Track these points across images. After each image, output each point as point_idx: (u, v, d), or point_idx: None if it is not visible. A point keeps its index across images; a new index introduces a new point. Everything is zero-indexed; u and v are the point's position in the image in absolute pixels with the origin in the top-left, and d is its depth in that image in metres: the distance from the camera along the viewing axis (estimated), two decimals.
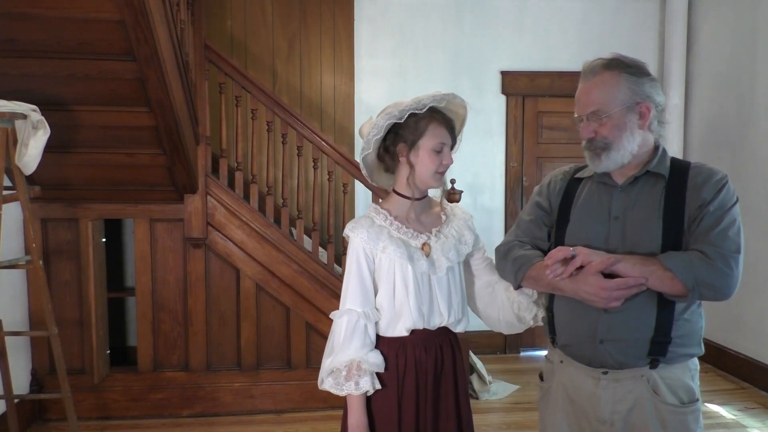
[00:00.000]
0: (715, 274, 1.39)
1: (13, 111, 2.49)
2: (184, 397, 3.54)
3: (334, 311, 1.64)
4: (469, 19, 4.61)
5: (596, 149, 1.51)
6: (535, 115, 4.72)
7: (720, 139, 4.32)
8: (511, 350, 4.73)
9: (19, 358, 3.30)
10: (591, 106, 1.50)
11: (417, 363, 1.62)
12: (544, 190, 1.72)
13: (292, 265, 3.53)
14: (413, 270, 1.60)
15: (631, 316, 1.47)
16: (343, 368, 1.57)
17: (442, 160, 1.62)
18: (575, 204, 1.62)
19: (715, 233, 1.41)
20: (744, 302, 4.03)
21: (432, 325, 1.64)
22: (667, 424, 1.48)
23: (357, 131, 4.52)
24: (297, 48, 4.46)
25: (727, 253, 1.40)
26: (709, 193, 1.47)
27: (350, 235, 1.63)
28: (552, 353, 1.69)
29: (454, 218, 1.75)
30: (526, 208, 1.75)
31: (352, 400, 1.58)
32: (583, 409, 1.57)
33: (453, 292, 1.67)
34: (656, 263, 1.41)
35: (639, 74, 1.51)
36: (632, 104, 1.49)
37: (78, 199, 3.38)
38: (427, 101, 1.59)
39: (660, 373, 1.49)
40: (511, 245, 1.67)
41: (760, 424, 3.38)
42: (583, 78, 1.56)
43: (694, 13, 4.58)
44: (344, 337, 1.57)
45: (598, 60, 1.55)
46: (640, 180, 1.54)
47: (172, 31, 2.72)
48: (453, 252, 1.67)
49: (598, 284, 1.42)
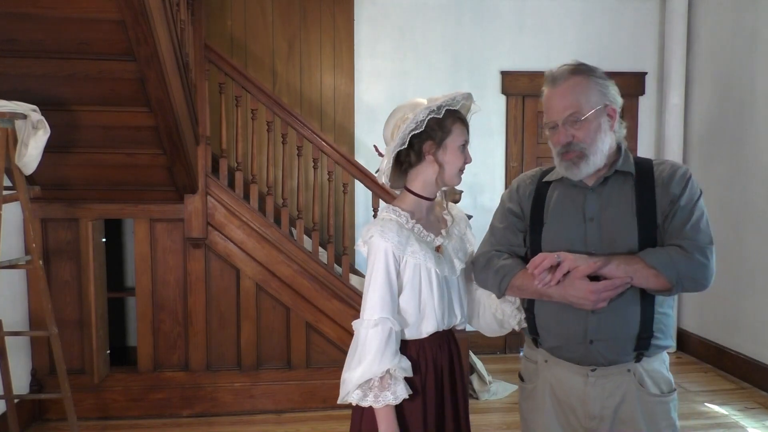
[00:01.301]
0: (695, 267, 1.44)
1: (13, 111, 2.50)
2: (184, 397, 3.54)
3: (357, 320, 1.58)
4: (469, 19, 4.61)
5: (573, 158, 1.53)
6: (535, 115, 4.72)
7: (720, 139, 4.32)
8: (511, 350, 4.73)
9: (19, 358, 3.30)
10: (568, 110, 1.52)
11: (435, 362, 1.62)
12: (514, 195, 1.72)
13: (292, 265, 3.53)
14: (437, 272, 1.59)
15: (618, 315, 1.50)
16: (377, 379, 1.52)
17: (465, 159, 1.65)
18: (547, 207, 1.64)
19: (689, 227, 1.47)
20: (744, 302, 4.03)
21: (447, 325, 1.65)
22: (652, 414, 1.54)
23: (357, 131, 4.53)
24: (297, 48, 4.46)
25: (703, 245, 1.46)
26: (677, 187, 1.51)
27: (378, 240, 1.56)
28: (533, 353, 1.69)
29: (457, 219, 1.77)
30: (497, 216, 1.74)
31: (385, 411, 1.53)
32: (571, 407, 1.59)
33: (462, 292, 1.68)
34: (639, 261, 1.45)
35: (603, 78, 1.55)
36: (602, 107, 1.53)
37: (78, 199, 3.39)
38: (460, 98, 1.62)
39: (643, 366, 1.55)
40: (489, 256, 1.66)
41: (760, 424, 3.38)
42: (550, 84, 1.57)
43: (694, 13, 4.58)
44: (379, 347, 1.51)
45: (563, 66, 1.56)
46: (609, 180, 1.58)
47: (172, 31, 2.72)
48: (461, 253, 1.68)
49: (586, 288, 1.45)
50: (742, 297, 4.05)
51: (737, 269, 4.04)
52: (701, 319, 4.56)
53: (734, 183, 4.15)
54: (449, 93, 1.62)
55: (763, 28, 3.88)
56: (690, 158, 4.67)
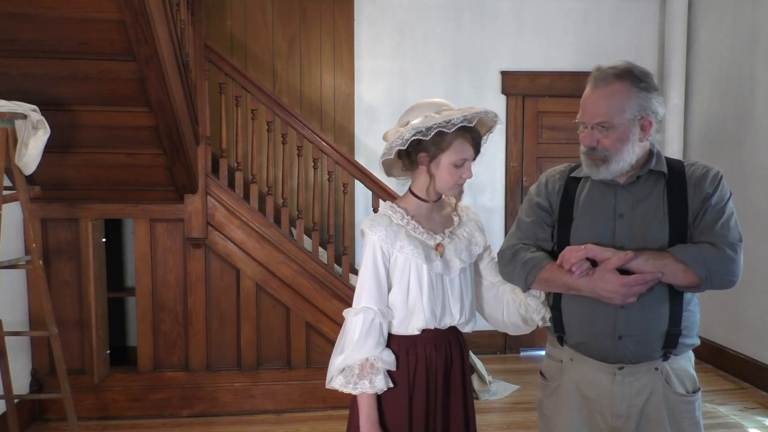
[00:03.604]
0: (725, 263, 1.44)
1: (13, 111, 2.50)
2: (184, 397, 3.54)
3: (347, 309, 1.64)
4: (469, 19, 4.61)
5: (596, 160, 1.54)
6: (535, 115, 4.71)
7: (720, 139, 4.32)
8: (511, 350, 4.73)
9: (19, 358, 3.30)
10: (598, 117, 1.51)
11: (427, 361, 1.63)
12: (543, 190, 1.71)
13: (292, 265, 3.53)
14: (428, 270, 1.60)
15: (647, 311, 1.51)
16: (357, 366, 1.56)
17: (462, 174, 1.62)
18: (577, 203, 1.63)
19: (720, 225, 1.47)
20: (744, 302, 4.03)
21: (443, 324, 1.65)
22: (677, 413, 1.54)
23: (357, 131, 4.53)
24: (297, 48, 4.46)
25: (734, 242, 1.46)
26: (710, 186, 1.52)
27: (368, 233, 1.62)
28: (558, 352, 1.68)
29: (465, 219, 1.76)
30: (524, 210, 1.74)
31: (364, 399, 1.57)
32: (597, 405, 1.58)
33: (464, 292, 1.67)
34: (668, 257, 1.45)
35: (648, 89, 1.52)
36: (636, 118, 1.51)
37: (78, 199, 3.38)
38: (457, 121, 1.55)
39: (670, 364, 1.55)
40: (516, 249, 1.66)
41: (760, 424, 3.38)
42: (593, 84, 1.54)
43: (694, 13, 4.58)
44: (360, 335, 1.57)
45: (610, 69, 1.53)
46: (641, 178, 1.57)
47: (172, 31, 2.72)
48: (465, 253, 1.68)
49: (617, 281, 1.44)
50: (742, 297, 4.05)
51: None
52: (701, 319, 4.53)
53: (734, 183, 4.14)
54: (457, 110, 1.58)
55: (763, 28, 3.88)
56: (690, 158, 4.67)
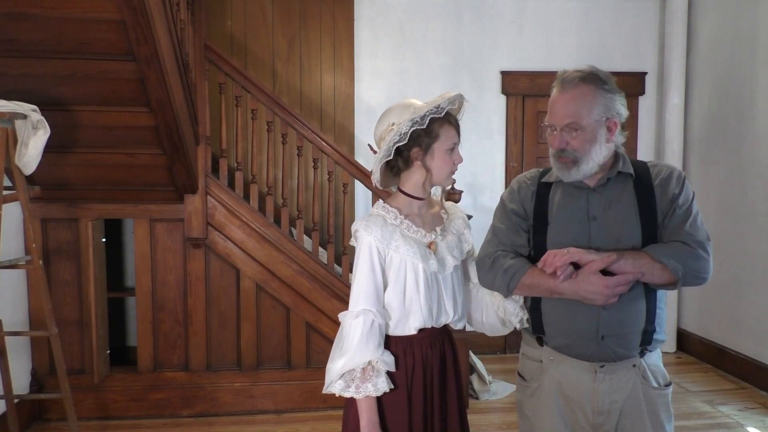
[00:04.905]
0: (698, 261, 1.51)
1: (13, 111, 2.50)
2: (184, 397, 3.54)
3: (343, 312, 1.63)
4: (469, 19, 4.61)
5: (566, 162, 1.58)
6: (535, 115, 4.71)
7: (720, 139, 4.32)
8: (511, 350, 4.73)
9: (19, 358, 3.30)
10: (567, 118, 1.57)
11: (424, 360, 1.63)
12: (516, 196, 1.73)
13: (292, 265, 3.53)
14: (424, 269, 1.60)
15: (626, 310, 1.56)
16: (359, 370, 1.55)
17: (454, 160, 1.65)
18: (551, 208, 1.66)
19: (689, 225, 1.54)
20: (744, 302, 4.03)
21: (439, 323, 1.65)
22: (654, 406, 1.61)
23: (357, 131, 4.53)
24: (297, 48, 4.46)
25: (704, 241, 1.53)
26: (676, 187, 1.58)
27: (363, 234, 1.61)
28: (537, 352, 1.69)
29: (453, 217, 1.77)
30: (498, 217, 1.75)
31: (365, 402, 1.55)
32: (579, 403, 1.62)
33: (457, 290, 1.68)
34: (646, 257, 1.50)
35: (612, 91, 1.58)
36: (603, 119, 1.56)
37: (78, 199, 3.38)
38: (444, 104, 1.59)
39: (646, 361, 1.61)
40: (495, 256, 1.66)
41: (760, 424, 3.38)
42: (560, 88, 1.60)
43: (694, 13, 4.58)
44: (361, 338, 1.55)
45: (575, 72, 1.58)
46: (611, 180, 1.62)
47: (172, 31, 2.72)
48: (457, 250, 1.68)
49: (601, 282, 1.48)
50: (742, 297, 4.05)
51: (737, 269, 4.04)
52: (701, 319, 4.56)
53: (734, 183, 4.15)
54: (436, 98, 1.61)
55: (763, 28, 3.88)
56: (690, 158, 4.67)
